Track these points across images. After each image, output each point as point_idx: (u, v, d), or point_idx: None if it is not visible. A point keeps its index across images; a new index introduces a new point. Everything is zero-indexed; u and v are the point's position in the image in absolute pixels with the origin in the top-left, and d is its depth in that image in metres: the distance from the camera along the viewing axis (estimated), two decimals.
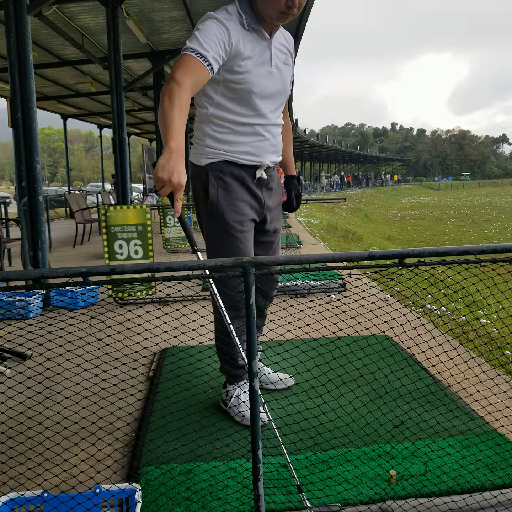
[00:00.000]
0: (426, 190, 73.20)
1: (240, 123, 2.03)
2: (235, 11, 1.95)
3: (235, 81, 1.96)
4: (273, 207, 2.22)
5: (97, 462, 1.95)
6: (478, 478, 1.74)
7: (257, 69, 1.98)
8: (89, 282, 1.30)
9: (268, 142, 2.10)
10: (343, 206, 23.11)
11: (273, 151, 2.13)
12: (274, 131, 2.12)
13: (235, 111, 2.01)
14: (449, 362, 2.61)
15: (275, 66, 2.04)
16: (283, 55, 2.10)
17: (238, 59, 1.93)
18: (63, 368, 1.76)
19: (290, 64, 2.13)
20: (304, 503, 1.58)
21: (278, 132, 2.16)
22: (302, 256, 1.36)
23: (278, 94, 2.09)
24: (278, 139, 2.16)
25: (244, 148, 2.05)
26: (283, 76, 2.09)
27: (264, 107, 2.05)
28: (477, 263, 1.41)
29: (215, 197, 2.05)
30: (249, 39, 1.95)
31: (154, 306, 4.34)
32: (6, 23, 4.14)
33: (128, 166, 7.61)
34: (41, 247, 4.39)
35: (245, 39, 1.94)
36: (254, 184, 2.11)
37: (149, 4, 7.63)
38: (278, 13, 1.91)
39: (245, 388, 2.25)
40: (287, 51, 2.13)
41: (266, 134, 2.08)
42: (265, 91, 2.02)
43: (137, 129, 22.29)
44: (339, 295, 4.53)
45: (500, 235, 16.73)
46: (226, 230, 2.07)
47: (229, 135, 2.04)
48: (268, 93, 2.04)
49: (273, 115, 2.10)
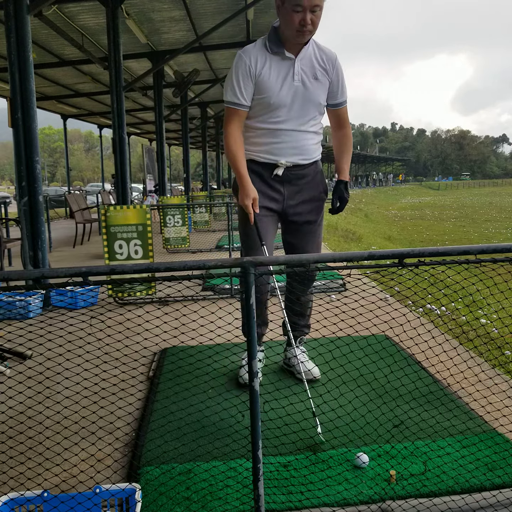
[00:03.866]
0: (426, 190, 73.19)
1: (261, 128, 2.46)
2: (263, 39, 2.42)
3: (258, 95, 2.40)
4: (300, 201, 2.54)
5: (97, 461, 1.95)
6: (478, 478, 1.74)
7: (276, 84, 2.38)
8: (89, 282, 1.30)
9: (287, 145, 2.46)
10: None
11: (294, 153, 2.48)
12: (297, 136, 2.47)
13: (259, 118, 2.46)
14: (448, 361, 2.61)
15: (299, 81, 2.40)
16: (313, 71, 2.42)
17: (260, 78, 2.37)
18: (63, 368, 1.77)
19: (320, 78, 2.43)
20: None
21: (303, 137, 2.49)
22: (302, 256, 1.37)
23: (303, 104, 2.43)
24: (302, 143, 2.49)
25: (264, 148, 2.48)
26: (310, 89, 2.42)
27: (284, 115, 2.43)
28: (477, 263, 1.41)
29: (234, 189, 2.56)
30: (272, 60, 2.38)
31: (154, 306, 4.34)
32: (6, 23, 4.14)
33: (128, 166, 7.61)
34: (41, 247, 4.40)
35: (268, 61, 2.38)
36: (273, 179, 2.50)
37: (149, 4, 7.63)
38: (295, 32, 2.26)
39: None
40: (320, 67, 2.43)
41: (285, 138, 2.45)
42: (284, 102, 2.40)
43: (137, 129, 22.31)
44: (339, 295, 4.53)
45: (500, 235, 16.73)
46: (243, 214, 2.50)
47: (254, 138, 2.50)
48: (287, 103, 2.41)
49: (297, 121, 2.45)
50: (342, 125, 2.60)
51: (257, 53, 2.38)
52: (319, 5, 2.23)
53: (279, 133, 2.45)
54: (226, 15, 7.85)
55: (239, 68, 2.38)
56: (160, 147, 10.91)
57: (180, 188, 25.88)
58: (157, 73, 10.25)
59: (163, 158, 11.04)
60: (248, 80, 2.38)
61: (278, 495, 1.68)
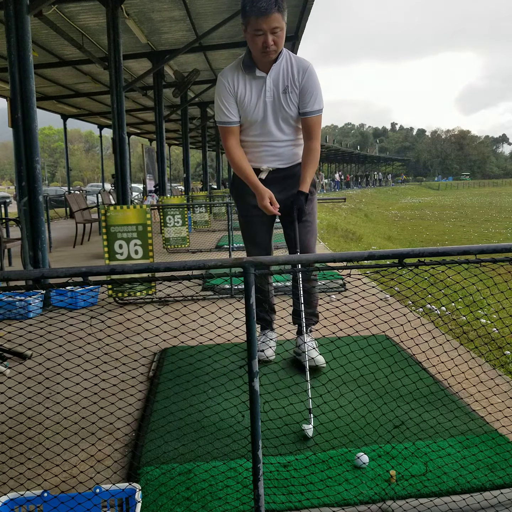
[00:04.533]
0: (426, 190, 73.18)
1: (244, 140, 2.72)
2: (239, 60, 2.62)
3: (240, 112, 2.63)
4: (289, 195, 2.69)
5: (97, 462, 1.95)
6: (479, 478, 1.74)
7: (252, 102, 2.59)
8: (89, 282, 1.30)
9: (267, 153, 2.70)
10: (343, 206, 23.11)
11: (274, 160, 2.72)
12: (275, 144, 2.69)
13: (244, 132, 2.71)
14: (449, 362, 2.61)
15: (270, 97, 2.58)
16: (284, 85, 2.56)
17: (238, 97, 2.59)
18: (63, 368, 1.76)
19: (291, 91, 2.57)
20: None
21: (280, 145, 2.69)
22: (302, 256, 1.36)
23: (276, 118, 2.62)
24: (280, 150, 2.71)
25: (248, 157, 2.71)
26: (282, 103, 2.58)
27: (259, 129, 2.65)
28: (477, 263, 1.41)
29: (231, 191, 2.92)
30: (246, 79, 2.59)
31: (154, 306, 4.34)
32: (6, 23, 4.13)
33: (128, 166, 7.60)
34: (41, 247, 4.39)
35: (243, 80, 2.59)
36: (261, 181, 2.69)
37: (149, 4, 7.62)
38: (260, 53, 2.45)
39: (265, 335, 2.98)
40: (292, 79, 2.55)
41: (264, 148, 2.69)
42: (258, 118, 2.62)
43: (137, 129, 22.30)
44: (339, 295, 4.53)
45: (500, 235, 16.73)
46: (239, 215, 2.91)
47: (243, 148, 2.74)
48: (261, 119, 2.62)
49: (273, 133, 2.66)
50: (309, 136, 2.64)
51: (233, 74, 2.60)
52: (279, 26, 2.37)
53: (258, 144, 2.70)
54: (226, 15, 7.86)
55: (220, 90, 2.61)
56: (160, 147, 10.90)
57: (180, 188, 25.89)
58: (157, 73, 10.25)
59: (163, 158, 11.04)
60: (231, 98, 2.60)
61: (278, 495, 1.67)
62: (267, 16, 2.33)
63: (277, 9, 2.33)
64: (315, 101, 2.58)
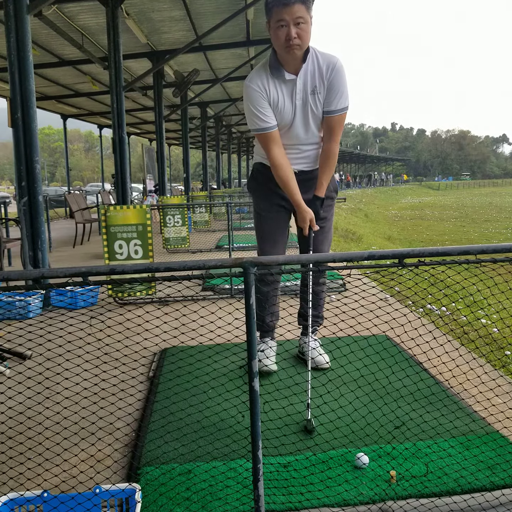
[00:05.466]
0: (426, 190, 73.17)
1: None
2: (264, 64, 2.48)
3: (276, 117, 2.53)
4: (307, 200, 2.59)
5: (97, 462, 1.95)
6: (479, 479, 1.73)
7: (286, 106, 2.49)
8: (89, 282, 1.30)
9: (293, 156, 2.62)
10: (343, 206, 23.08)
11: (300, 162, 2.65)
12: (301, 148, 2.63)
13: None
14: (450, 362, 2.60)
15: (300, 99, 2.48)
16: (313, 85, 2.46)
17: (273, 102, 2.47)
18: (63, 368, 1.76)
19: (321, 91, 2.47)
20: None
21: (307, 149, 2.64)
22: (302, 256, 1.36)
23: (305, 120, 2.53)
24: (306, 154, 2.65)
25: None
26: (312, 105, 2.49)
27: (288, 132, 2.55)
28: (477, 263, 1.40)
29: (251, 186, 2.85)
30: (276, 83, 2.47)
31: (154, 306, 4.33)
32: (6, 23, 4.13)
33: (128, 166, 7.60)
34: (41, 247, 4.39)
35: (272, 84, 2.46)
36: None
37: (149, 4, 7.62)
38: (284, 48, 2.32)
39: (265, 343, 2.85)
40: (321, 78, 2.45)
41: (291, 151, 2.61)
42: (288, 122, 2.52)
43: (137, 129, 22.30)
44: (339, 295, 4.52)
45: (500, 235, 16.73)
46: (258, 211, 2.80)
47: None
48: (291, 122, 2.52)
49: (301, 136, 2.58)
50: (330, 138, 2.55)
51: (262, 78, 2.46)
52: (302, 16, 2.24)
53: (285, 147, 2.58)
54: (226, 15, 7.85)
55: (252, 96, 2.46)
56: (160, 147, 10.90)
57: (180, 188, 25.88)
58: (157, 73, 10.25)
59: (163, 158, 11.04)
60: (265, 103, 2.46)
61: (278, 496, 1.67)
62: (289, 6, 2.21)
63: (301, 0, 2.22)
64: (340, 99, 2.47)
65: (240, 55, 11.00)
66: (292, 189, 2.51)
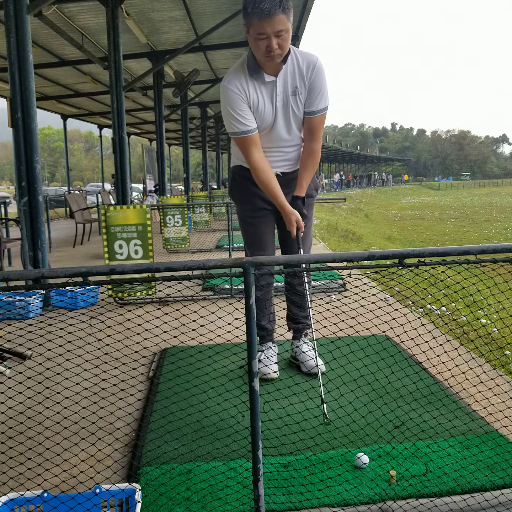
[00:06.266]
0: (426, 190, 73.17)
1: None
2: (242, 64, 2.39)
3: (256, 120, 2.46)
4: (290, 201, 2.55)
5: (97, 462, 1.95)
6: (479, 479, 1.73)
7: (266, 108, 2.43)
8: (89, 282, 1.30)
9: (274, 159, 2.57)
10: (343, 206, 23.10)
11: (281, 164, 2.61)
12: (283, 150, 2.58)
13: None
14: (449, 362, 2.60)
15: (280, 101, 2.42)
16: (294, 86, 2.41)
17: (253, 105, 2.41)
18: (63, 368, 1.76)
19: (302, 91, 2.42)
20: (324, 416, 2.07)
21: (288, 151, 2.59)
22: (302, 256, 1.36)
23: (287, 122, 2.48)
24: (287, 156, 2.60)
25: None
26: (292, 106, 2.44)
27: (268, 134, 2.50)
28: (477, 263, 1.41)
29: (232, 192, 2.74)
30: (255, 84, 2.39)
31: (154, 306, 4.34)
32: (6, 23, 4.13)
33: (128, 166, 7.60)
34: (41, 247, 4.39)
35: (252, 85, 2.39)
36: None
37: (149, 4, 7.62)
38: (264, 57, 2.26)
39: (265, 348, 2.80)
40: (301, 78, 2.40)
41: (272, 153, 2.56)
42: (269, 124, 2.47)
43: (137, 129, 22.30)
44: (339, 295, 4.53)
45: (500, 235, 16.73)
46: (242, 218, 2.73)
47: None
48: (271, 124, 2.47)
49: (282, 138, 2.53)
50: (311, 137, 2.52)
51: (241, 80, 2.38)
52: (284, 28, 2.16)
53: (266, 150, 2.53)
54: (226, 15, 7.85)
55: (230, 98, 2.37)
56: (160, 147, 10.90)
57: (180, 188, 25.88)
58: (157, 73, 10.25)
59: (163, 158, 11.04)
60: (244, 105, 2.38)
61: (278, 496, 1.67)
62: (271, 18, 2.11)
63: (281, 10, 2.11)
64: (322, 99, 2.43)
65: (240, 55, 10.97)
66: (275, 192, 2.45)
